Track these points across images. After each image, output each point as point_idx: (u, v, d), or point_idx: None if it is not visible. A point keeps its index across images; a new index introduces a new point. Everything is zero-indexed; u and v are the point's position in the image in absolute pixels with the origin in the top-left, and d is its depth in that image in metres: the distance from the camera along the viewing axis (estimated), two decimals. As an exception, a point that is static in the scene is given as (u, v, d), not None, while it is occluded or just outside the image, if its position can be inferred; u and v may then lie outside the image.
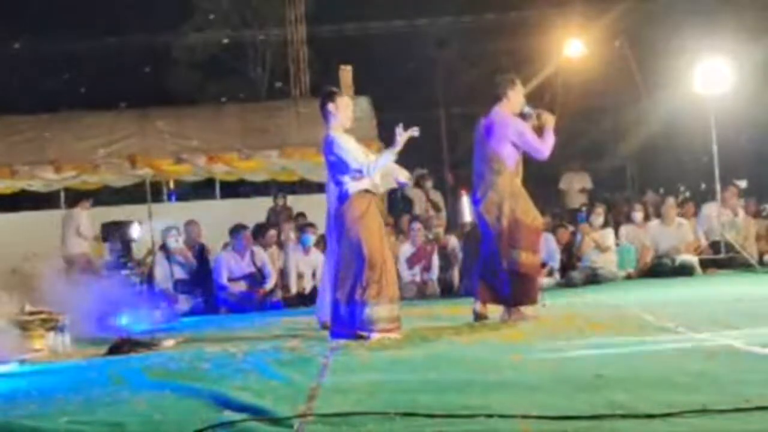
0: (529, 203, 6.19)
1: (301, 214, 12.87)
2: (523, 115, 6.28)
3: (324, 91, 6.08)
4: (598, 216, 9.92)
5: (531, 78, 18.36)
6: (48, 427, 3.25)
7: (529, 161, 6.38)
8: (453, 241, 10.24)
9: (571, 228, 10.61)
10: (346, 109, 5.84)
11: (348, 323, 5.54)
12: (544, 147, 6.21)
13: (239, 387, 3.85)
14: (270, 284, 9.25)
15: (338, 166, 5.68)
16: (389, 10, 20.33)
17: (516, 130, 6.15)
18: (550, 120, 6.25)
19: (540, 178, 16.50)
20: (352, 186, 5.64)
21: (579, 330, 5.33)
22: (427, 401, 3.31)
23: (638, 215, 10.34)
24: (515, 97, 6.28)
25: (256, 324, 7.19)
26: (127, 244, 9.89)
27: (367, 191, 5.68)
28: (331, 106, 5.79)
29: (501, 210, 6.05)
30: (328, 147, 5.72)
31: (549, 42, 17.70)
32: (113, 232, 10.21)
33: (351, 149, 5.68)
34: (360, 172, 5.60)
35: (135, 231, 9.76)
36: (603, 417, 2.90)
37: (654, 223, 10.33)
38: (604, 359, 4.10)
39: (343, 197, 5.65)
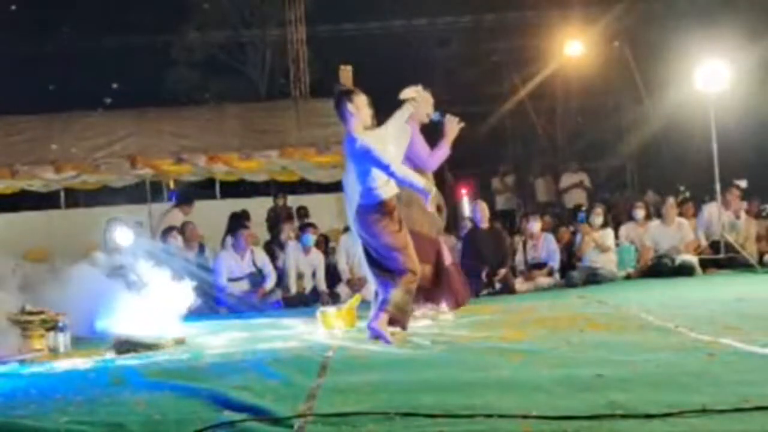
0: (424, 213, 6.11)
1: (303, 208, 12.90)
2: (432, 123, 6.28)
3: (339, 91, 5.93)
4: (598, 216, 9.92)
5: (531, 78, 18.43)
6: (48, 427, 3.25)
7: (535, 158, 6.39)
8: (453, 242, 10.23)
9: (571, 228, 10.62)
10: (365, 108, 5.75)
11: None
12: (431, 160, 6.23)
13: (239, 387, 3.85)
14: (270, 284, 9.24)
15: (368, 171, 5.57)
16: (389, 10, 20.34)
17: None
18: (453, 128, 6.19)
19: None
20: (382, 191, 5.58)
21: (579, 330, 5.33)
22: (427, 401, 3.31)
23: (640, 213, 10.33)
24: (418, 107, 6.23)
25: (256, 324, 7.19)
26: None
27: (395, 195, 5.67)
28: (350, 107, 5.65)
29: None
30: (355, 150, 5.59)
31: (549, 42, 17.71)
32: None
33: (377, 149, 5.60)
34: (387, 169, 5.54)
35: (121, 236, 9.53)
36: (603, 417, 2.90)
37: (654, 223, 10.33)
38: (604, 359, 4.10)
39: (371, 200, 5.58)
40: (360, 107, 5.72)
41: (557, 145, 18.61)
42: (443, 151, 6.24)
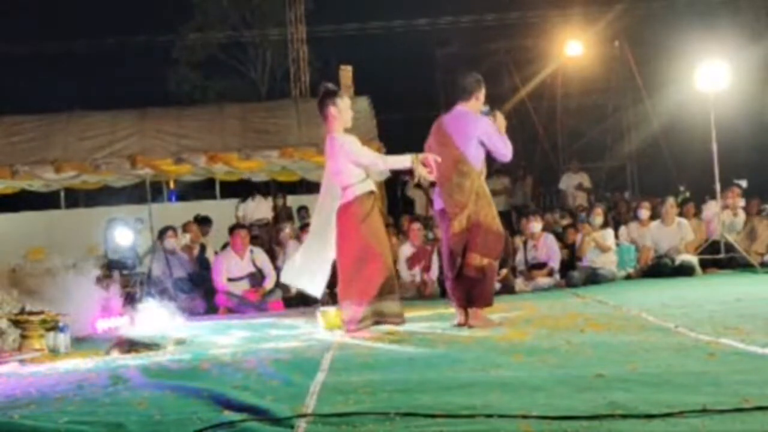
0: (493, 207, 6.03)
1: (304, 208, 12.93)
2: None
3: (324, 91, 5.96)
4: (598, 216, 9.91)
5: (531, 78, 18.43)
6: (48, 427, 3.25)
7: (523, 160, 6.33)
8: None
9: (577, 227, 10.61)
10: (347, 111, 5.86)
11: (356, 319, 5.64)
12: (509, 150, 6.08)
13: (239, 387, 3.85)
14: (269, 284, 9.23)
15: (345, 169, 5.70)
16: (389, 10, 20.37)
17: (484, 130, 6.00)
18: (503, 122, 6.10)
19: (541, 179, 16.59)
20: (358, 188, 5.68)
21: (579, 330, 5.33)
22: (427, 401, 3.31)
23: (645, 213, 10.32)
24: (481, 98, 6.13)
25: (256, 324, 7.19)
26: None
27: (371, 192, 5.72)
28: (333, 110, 5.79)
29: (463, 211, 5.88)
30: (335, 149, 5.74)
31: (549, 42, 17.72)
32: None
33: (359, 147, 5.76)
34: (373, 164, 5.64)
35: (123, 236, 9.55)
36: (603, 417, 2.90)
37: (654, 223, 10.33)
38: (604, 359, 4.10)
39: (348, 198, 5.69)
40: (343, 110, 5.83)
41: (557, 145, 18.62)
42: (509, 141, 6.05)
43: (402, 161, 5.86)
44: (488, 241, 5.89)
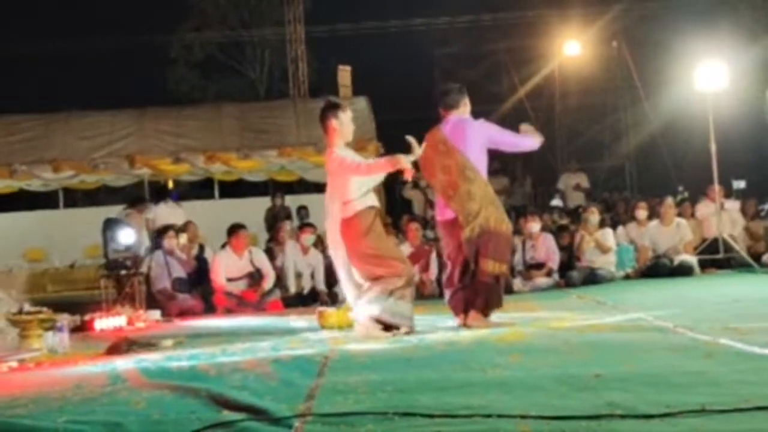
0: (502, 211, 6.03)
1: (303, 208, 12.92)
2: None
3: (326, 104, 5.94)
4: (593, 215, 9.91)
5: (530, 78, 18.43)
6: (48, 427, 3.25)
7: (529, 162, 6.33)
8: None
9: (572, 228, 10.61)
10: (348, 124, 5.83)
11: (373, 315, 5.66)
12: (522, 138, 6.11)
13: (239, 387, 3.85)
14: (268, 284, 9.23)
15: (345, 183, 5.68)
16: (388, 10, 20.38)
17: (488, 132, 6.04)
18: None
19: (539, 179, 16.59)
20: (358, 203, 5.67)
21: (578, 330, 5.33)
22: (427, 401, 3.31)
23: (642, 213, 10.33)
24: (468, 102, 6.18)
25: (255, 324, 7.19)
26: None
27: (372, 207, 5.71)
28: (334, 123, 5.77)
29: (476, 219, 5.84)
30: (332, 163, 5.73)
31: (548, 42, 17.73)
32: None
33: (351, 156, 5.77)
34: (359, 169, 5.64)
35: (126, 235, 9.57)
36: (602, 417, 2.90)
37: (652, 223, 10.33)
38: (603, 359, 4.10)
39: (348, 214, 5.67)
40: (344, 123, 5.81)
41: (556, 145, 18.63)
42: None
43: (382, 166, 5.77)
44: (499, 246, 5.90)
